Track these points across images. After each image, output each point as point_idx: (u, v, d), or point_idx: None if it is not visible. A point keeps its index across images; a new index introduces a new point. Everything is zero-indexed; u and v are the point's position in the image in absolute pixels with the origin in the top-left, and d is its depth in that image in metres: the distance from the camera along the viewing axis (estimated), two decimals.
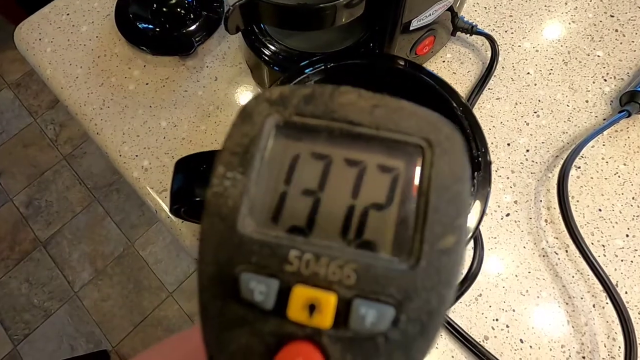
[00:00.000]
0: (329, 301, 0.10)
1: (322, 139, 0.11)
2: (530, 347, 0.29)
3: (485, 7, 0.41)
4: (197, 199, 0.22)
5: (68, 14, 0.42)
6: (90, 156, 1.33)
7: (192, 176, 0.23)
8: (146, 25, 0.39)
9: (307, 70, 0.29)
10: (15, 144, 1.35)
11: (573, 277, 0.31)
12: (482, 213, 0.21)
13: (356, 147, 0.11)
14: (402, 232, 0.11)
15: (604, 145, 0.35)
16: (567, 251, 0.32)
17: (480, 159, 0.22)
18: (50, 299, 1.17)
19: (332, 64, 0.29)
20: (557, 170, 0.33)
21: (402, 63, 0.27)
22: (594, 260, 0.30)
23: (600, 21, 0.40)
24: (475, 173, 0.22)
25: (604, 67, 0.38)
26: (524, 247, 0.32)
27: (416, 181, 0.11)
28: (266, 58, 0.35)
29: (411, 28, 0.31)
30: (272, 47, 0.34)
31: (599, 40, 0.39)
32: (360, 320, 0.10)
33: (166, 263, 1.20)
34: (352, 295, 0.10)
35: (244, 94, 0.38)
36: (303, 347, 0.10)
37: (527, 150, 0.35)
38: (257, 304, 0.10)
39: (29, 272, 1.20)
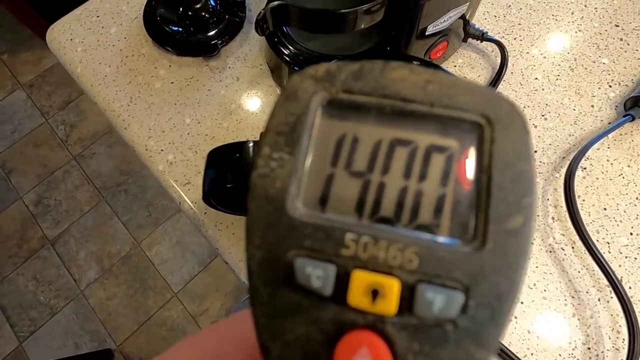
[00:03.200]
0: (393, 286, 0.09)
1: (371, 117, 0.11)
2: (538, 337, 0.31)
3: (496, 16, 0.43)
4: (229, 185, 0.24)
5: (98, 16, 0.44)
6: (99, 156, 1.35)
7: (225, 165, 0.25)
8: (173, 28, 0.41)
9: None
10: (26, 143, 1.38)
11: (579, 272, 0.32)
12: None
13: (408, 126, 0.11)
14: (461, 213, 0.10)
15: (608, 147, 0.37)
16: (573, 247, 0.33)
17: None
18: (57, 297, 1.18)
19: None
20: (563, 170, 0.35)
21: (418, 63, 0.28)
22: (600, 256, 0.31)
23: (606, 30, 0.42)
24: None
25: (609, 74, 0.40)
26: (532, 243, 0.33)
27: (473, 160, 0.10)
28: (287, 59, 0.36)
29: (426, 33, 0.33)
30: (293, 49, 0.36)
31: (605, 49, 0.41)
32: (427, 306, 0.09)
33: (172, 263, 1.21)
34: (416, 280, 0.09)
35: (265, 93, 0.40)
36: (366, 335, 0.09)
37: (535, 152, 0.37)
38: (315, 290, 0.10)
39: (37, 270, 1.21)
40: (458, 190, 0.10)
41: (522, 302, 0.32)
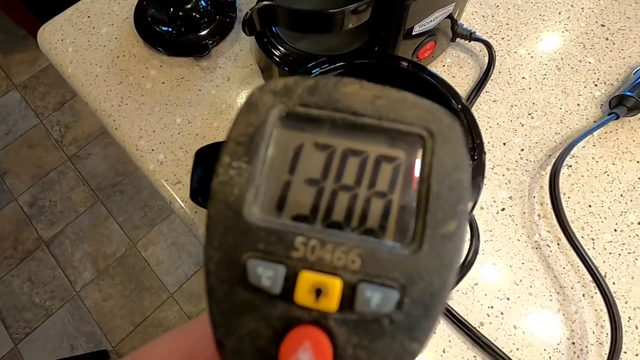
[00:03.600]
0: (335, 285, 0.10)
1: (325, 129, 0.12)
2: (523, 332, 0.31)
3: (484, 16, 0.43)
4: None
5: (89, 17, 0.44)
6: (94, 157, 1.35)
7: (212, 164, 0.25)
8: (163, 28, 0.42)
9: (314, 71, 0.31)
10: (21, 144, 1.37)
11: (564, 268, 0.33)
12: (476, 199, 0.23)
13: (359, 137, 0.12)
14: (404, 218, 0.11)
15: (594, 145, 0.37)
16: (558, 244, 0.34)
17: (475, 150, 0.24)
18: (52, 298, 1.18)
19: (338, 64, 0.31)
20: (549, 168, 0.35)
21: (405, 64, 0.29)
22: (584, 253, 0.31)
23: (592, 30, 0.42)
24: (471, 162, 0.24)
25: (595, 73, 0.40)
26: (518, 240, 0.34)
27: (417, 170, 0.11)
28: (277, 59, 0.37)
29: (413, 33, 0.34)
30: (283, 49, 0.37)
31: (591, 48, 0.41)
32: (366, 303, 0.10)
33: (167, 264, 1.21)
34: (357, 279, 0.10)
35: None
36: (310, 330, 0.10)
37: (522, 150, 0.37)
38: (265, 289, 0.10)
39: (31, 271, 1.21)
40: (402, 198, 0.11)
41: (508, 298, 0.32)
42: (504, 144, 0.37)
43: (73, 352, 1.12)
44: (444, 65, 0.41)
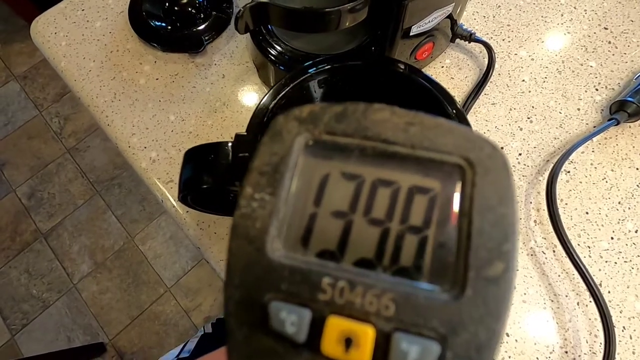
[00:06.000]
0: (367, 335, 0.09)
1: (353, 158, 0.11)
2: (516, 340, 0.31)
3: (484, 16, 0.43)
4: (204, 186, 0.24)
5: (83, 10, 0.43)
6: (93, 150, 1.35)
7: (201, 165, 0.25)
8: (158, 23, 0.41)
9: (310, 70, 0.30)
10: (20, 135, 1.37)
11: (559, 276, 0.32)
12: None
13: (390, 167, 0.11)
14: (441, 257, 0.10)
15: (593, 151, 0.36)
16: (554, 251, 0.33)
17: None
18: (49, 290, 1.18)
19: (334, 65, 0.30)
20: (547, 174, 0.35)
21: (401, 66, 0.28)
22: (579, 261, 0.31)
23: (594, 33, 0.41)
24: None
25: (596, 77, 0.39)
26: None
27: (456, 203, 0.10)
28: (272, 58, 0.36)
29: (411, 34, 0.33)
30: (279, 48, 0.36)
31: (592, 51, 0.41)
32: (402, 356, 0.09)
33: (165, 258, 1.21)
34: (392, 328, 0.09)
35: (250, 92, 0.40)
36: None
37: (520, 154, 0.37)
38: (288, 336, 0.09)
39: (29, 263, 1.21)
40: (439, 234, 0.10)
41: None
42: (502, 147, 0.37)
43: (70, 344, 1.12)
44: (442, 67, 0.40)
